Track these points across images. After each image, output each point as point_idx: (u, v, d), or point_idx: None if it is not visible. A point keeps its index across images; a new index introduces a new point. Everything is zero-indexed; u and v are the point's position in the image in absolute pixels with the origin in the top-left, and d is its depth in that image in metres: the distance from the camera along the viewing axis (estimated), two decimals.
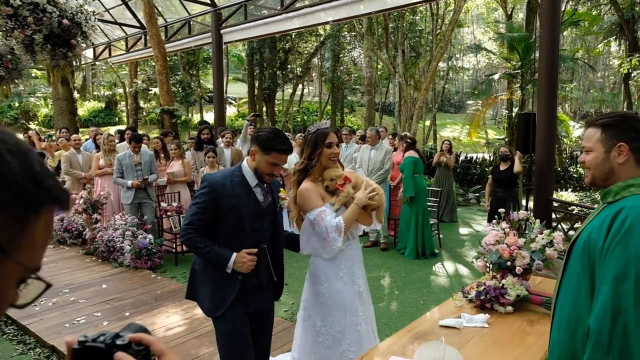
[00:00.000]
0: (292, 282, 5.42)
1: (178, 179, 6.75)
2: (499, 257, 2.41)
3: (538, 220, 2.55)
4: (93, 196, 6.55)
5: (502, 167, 6.96)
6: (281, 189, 2.65)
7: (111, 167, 6.54)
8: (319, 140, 2.45)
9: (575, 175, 18.98)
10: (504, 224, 2.57)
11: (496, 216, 2.62)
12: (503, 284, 2.32)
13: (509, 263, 2.37)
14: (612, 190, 1.60)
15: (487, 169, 16.30)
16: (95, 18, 5.40)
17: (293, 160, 6.10)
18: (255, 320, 2.47)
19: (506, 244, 2.41)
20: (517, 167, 6.81)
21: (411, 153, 6.84)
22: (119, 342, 0.71)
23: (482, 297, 2.31)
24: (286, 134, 9.42)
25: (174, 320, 4.27)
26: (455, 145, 20.64)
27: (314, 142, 2.47)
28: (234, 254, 2.25)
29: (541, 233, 2.43)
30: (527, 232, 2.53)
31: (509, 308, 2.28)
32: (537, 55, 6.73)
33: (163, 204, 6.44)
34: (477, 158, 17.96)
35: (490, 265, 2.49)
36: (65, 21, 4.86)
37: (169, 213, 6.33)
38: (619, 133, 1.60)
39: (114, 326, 4.11)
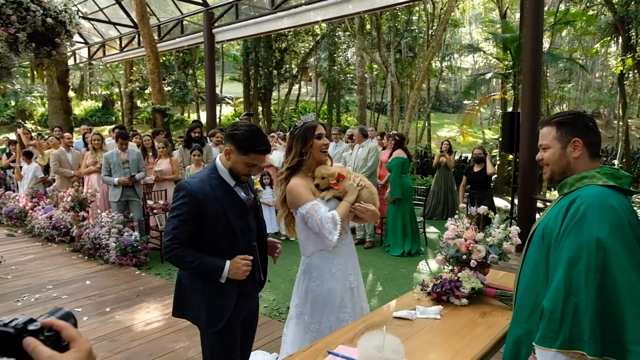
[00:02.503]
0: (274, 279, 5.47)
1: (166, 176, 6.80)
2: (457, 250, 2.46)
3: (497, 215, 2.60)
4: (80, 194, 6.60)
5: (476, 169, 6.94)
6: (255, 181, 2.60)
7: (97, 165, 6.60)
8: (309, 133, 2.39)
9: None
10: (465, 220, 2.62)
11: (457, 211, 2.67)
12: (458, 277, 2.37)
13: (465, 257, 2.42)
14: (568, 182, 1.70)
15: None
16: (78, 17, 5.45)
17: (281, 158, 6.13)
18: (244, 322, 2.38)
19: (464, 238, 2.46)
20: (490, 168, 6.81)
21: (399, 153, 6.85)
22: (31, 327, 0.72)
23: (438, 290, 2.36)
24: (280, 132, 9.37)
25: (153, 315, 4.32)
26: (452, 145, 20.67)
27: (303, 136, 2.39)
28: (227, 262, 2.11)
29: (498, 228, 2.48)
30: (487, 227, 2.58)
31: (464, 300, 2.33)
32: None
33: (149, 202, 6.49)
34: (472, 158, 17.98)
35: (450, 259, 2.54)
36: (49, 20, 4.92)
37: (155, 211, 6.38)
38: (572, 129, 1.70)
39: (94, 321, 4.17)
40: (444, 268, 2.59)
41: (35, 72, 6.18)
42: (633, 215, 1.57)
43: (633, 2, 13.10)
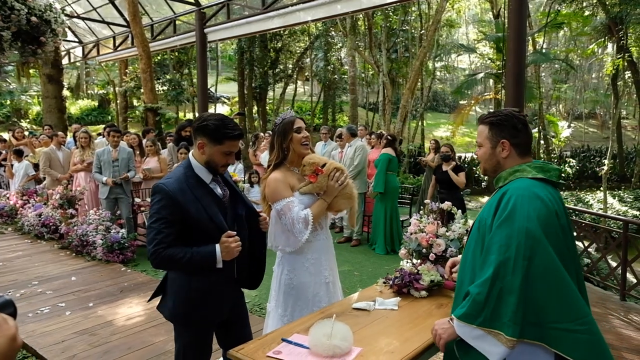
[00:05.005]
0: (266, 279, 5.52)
1: (154, 174, 6.87)
2: (418, 244, 2.53)
3: (460, 211, 2.67)
4: (69, 192, 6.67)
5: (445, 167, 6.67)
6: (232, 173, 2.59)
7: (84, 163, 6.67)
8: (287, 128, 2.43)
9: (563, 175, 19.16)
10: (431, 217, 2.69)
11: (422, 207, 2.74)
12: (418, 270, 2.44)
13: (425, 250, 2.50)
14: (502, 176, 1.80)
15: (474, 167, 16.47)
16: (64, 15, 5.50)
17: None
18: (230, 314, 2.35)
19: (425, 232, 2.53)
20: (455, 179, 6.47)
21: (388, 150, 6.91)
22: None
23: (398, 282, 2.43)
24: (270, 133, 9.44)
25: (135, 310, 4.39)
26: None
27: (282, 132, 2.43)
28: (216, 245, 2.10)
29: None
30: (450, 222, 2.66)
31: (423, 293, 2.40)
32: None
33: (137, 200, 6.56)
34: (465, 157, 18.10)
35: (413, 252, 2.61)
36: (33, 18, 4.98)
37: (142, 208, 6.45)
38: (501, 131, 1.79)
39: (76, 316, 4.23)
40: (407, 262, 2.66)
41: (21, 70, 6.24)
42: (560, 205, 1.67)
43: (623, 3, 13.20)
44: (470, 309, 1.62)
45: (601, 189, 14.26)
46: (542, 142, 18.40)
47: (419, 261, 2.58)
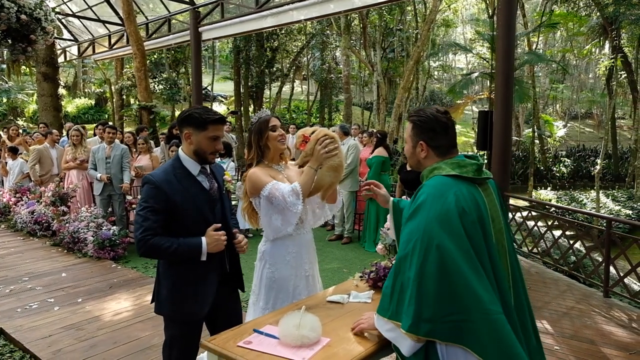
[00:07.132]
0: (249, 273, 5.53)
1: (146, 172, 6.91)
2: (394, 240, 2.58)
3: None
4: (61, 189, 6.72)
5: (409, 167, 6.48)
6: (226, 172, 2.62)
7: (76, 160, 6.72)
8: (263, 127, 2.47)
9: (558, 174, 19.22)
10: None
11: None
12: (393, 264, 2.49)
13: None
14: (424, 174, 1.85)
15: None
16: (54, 15, 5.55)
17: None
18: (217, 309, 2.39)
19: None
20: None
21: (380, 151, 6.93)
22: None
23: (373, 276, 2.48)
24: None
25: (123, 306, 4.43)
26: None
27: (258, 131, 2.47)
28: (203, 238, 2.16)
29: None
30: None
31: None
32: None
33: (129, 197, 6.61)
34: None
35: (390, 247, 2.66)
36: (23, 17, 5.02)
37: (134, 206, 6.49)
38: (421, 132, 1.84)
39: (64, 311, 4.28)
40: (384, 257, 2.71)
41: (11, 68, 6.31)
42: (471, 202, 1.67)
43: (616, 3, 13.26)
44: (382, 303, 1.71)
45: (595, 188, 14.34)
46: (536, 141, 18.45)
47: (394, 256, 2.62)
